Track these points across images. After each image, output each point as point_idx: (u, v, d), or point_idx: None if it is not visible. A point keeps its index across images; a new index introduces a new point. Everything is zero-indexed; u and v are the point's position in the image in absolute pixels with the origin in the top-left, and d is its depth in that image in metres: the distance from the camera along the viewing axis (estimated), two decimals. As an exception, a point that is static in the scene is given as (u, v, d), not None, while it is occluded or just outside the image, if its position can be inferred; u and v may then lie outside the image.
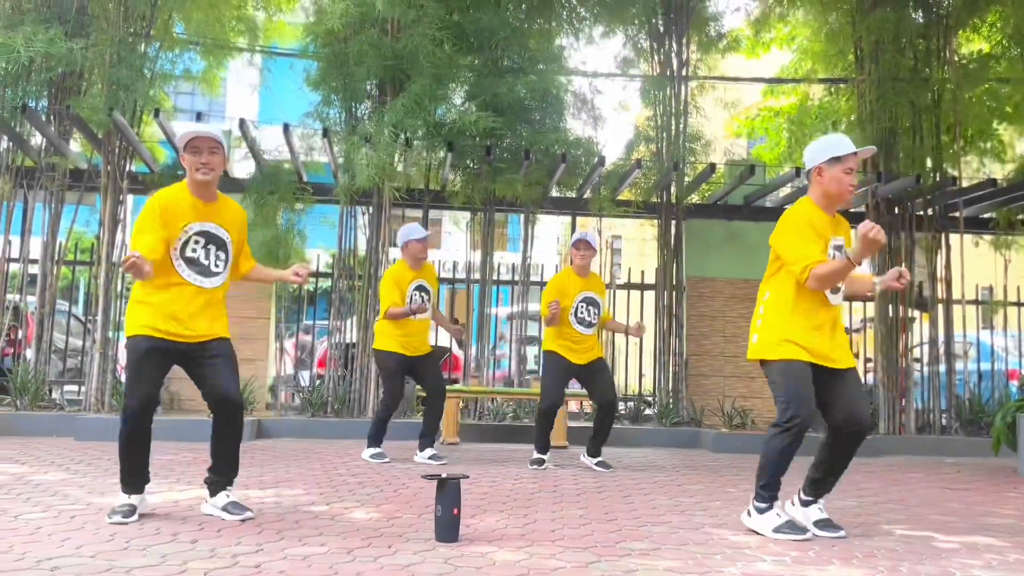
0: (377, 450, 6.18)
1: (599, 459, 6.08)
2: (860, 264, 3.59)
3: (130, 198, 9.04)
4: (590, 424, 6.90)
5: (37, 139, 8.82)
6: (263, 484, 4.87)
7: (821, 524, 3.73)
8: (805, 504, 3.82)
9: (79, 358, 9.81)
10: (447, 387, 6.67)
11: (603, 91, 9.56)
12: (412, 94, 7.90)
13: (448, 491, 3.32)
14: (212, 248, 3.82)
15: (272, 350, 9.14)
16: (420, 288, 6.20)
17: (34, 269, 8.81)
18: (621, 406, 9.48)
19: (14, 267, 8.94)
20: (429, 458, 6.14)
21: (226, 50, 9.58)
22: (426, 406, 6.32)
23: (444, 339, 10.59)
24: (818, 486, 3.79)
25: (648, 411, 9.40)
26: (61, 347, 9.91)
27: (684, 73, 9.53)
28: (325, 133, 8.24)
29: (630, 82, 9.88)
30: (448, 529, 3.30)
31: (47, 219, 8.75)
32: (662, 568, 2.98)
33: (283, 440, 7.81)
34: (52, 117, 8.69)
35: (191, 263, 3.77)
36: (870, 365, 10.17)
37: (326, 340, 9.46)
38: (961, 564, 3.21)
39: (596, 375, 6.06)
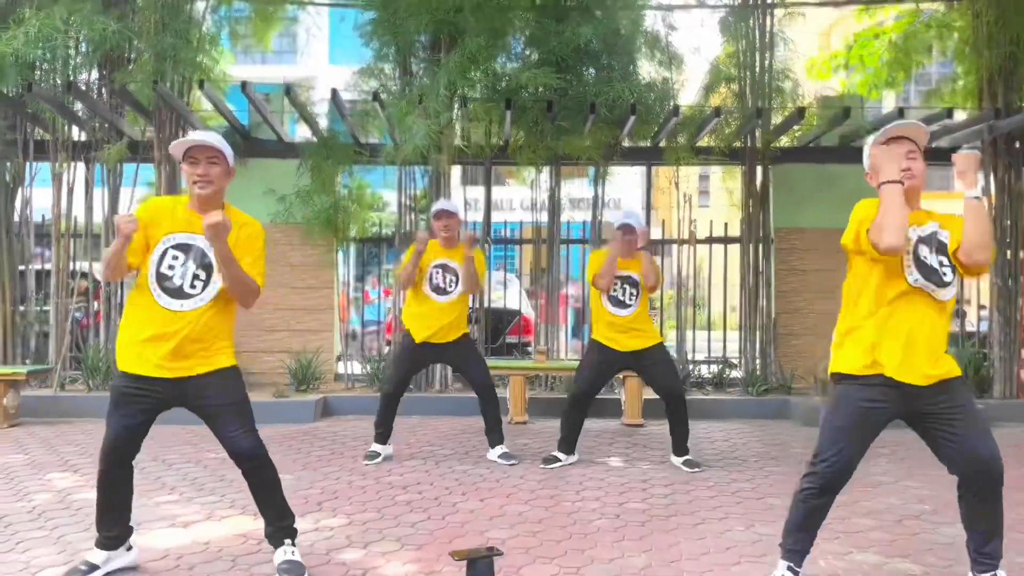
0: (374, 448, 5.79)
1: (685, 458, 5.55)
2: (901, 182, 2.91)
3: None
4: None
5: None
6: (307, 504, 4.58)
7: None
8: None
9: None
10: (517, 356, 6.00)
11: (678, 27, 8.51)
12: (466, 52, 7.26)
13: (479, 572, 2.90)
14: (191, 266, 3.28)
15: (337, 320, 8.87)
16: (445, 268, 5.60)
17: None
18: (704, 369, 8.91)
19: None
20: (499, 456, 5.73)
21: (277, 3, 9.11)
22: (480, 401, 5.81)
23: (513, 301, 10.16)
24: (979, 557, 3.07)
25: (735, 373, 8.77)
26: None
27: (769, 0, 8.54)
28: (375, 97, 7.72)
29: (709, 15, 8.93)
30: (480, 613, 2.90)
31: (105, 193, 8.61)
32: None
33: (349, 419, 7.60)
34: (103, 91, 8.45)
35: (162, 279, 3.26)
36: (984, 313, 9.26)
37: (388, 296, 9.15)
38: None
39: (653, 366, 5.48)
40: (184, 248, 3.30)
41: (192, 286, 3.28)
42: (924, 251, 3.03)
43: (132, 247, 3.22)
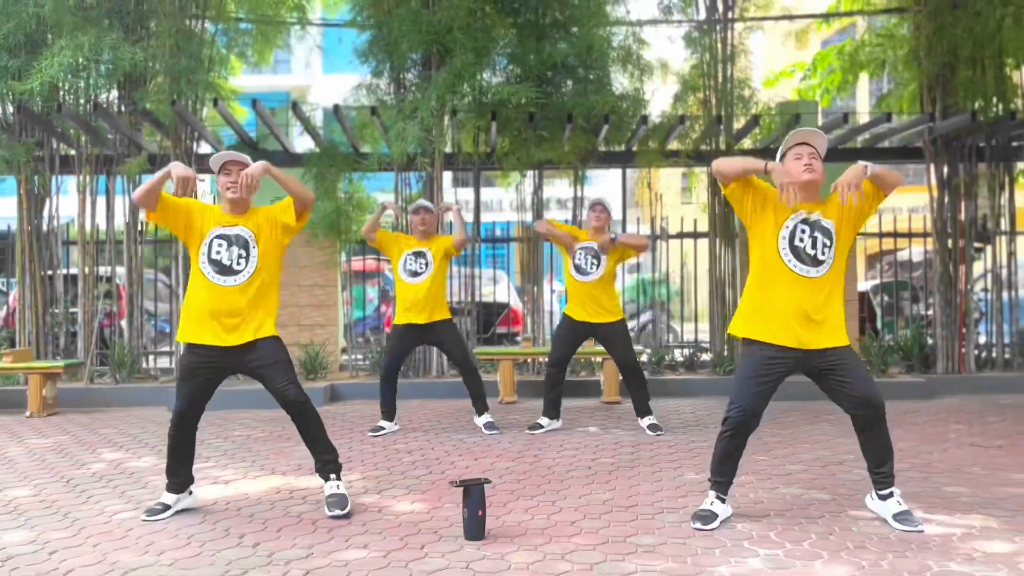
0: (380, 425, 6.59)
1: (650, 421, 6.38)
2: (766, 171, 3.70)
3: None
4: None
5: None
6: (327, 466, 5.40)
7: (899, 517, 3.77)
8: (882, 498, 3.89)
9: (169, 323, 10.56)
10: (507, 344, 6.73)
11: (649, 41, 9.35)
12: (452, 69, 8.09)
13: (473, 496, 3.71)
14: (235, 249, 4.15)
15: (341, 316, 9.68)
16: (418, 255, 6.37)
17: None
18: (678, 354, 9.74)
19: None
20: (485, 425, 6.56)
21: (278, 25, 9.91)
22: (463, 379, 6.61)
23: (503, 295, 10.99)
24: (876, 476, 3.89)
25: (705, 357, 9.63)
26: (151, 312, 10.71)
27: (730, 16, 9.38)
28: (374, 112, 8.54)
29: (675, 29, 9.77)
30: (474, 529, 3.71)
31: (127, 202, 9.39)
32: (659, 570, 3.32)
33: (354, 403, 8.40)
34: (122, 109, 9.24)
35: (214, 264, 4.14)
36: (932, 301, 10.11)
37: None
38: (943, 554, 3.44)
39: (611, 338, 6.34)
40: (225, 237, 4.20)
41: (238, 263, 4.17)
42: (801, 236, 3.77)
43: (168, 200, 4.11)
